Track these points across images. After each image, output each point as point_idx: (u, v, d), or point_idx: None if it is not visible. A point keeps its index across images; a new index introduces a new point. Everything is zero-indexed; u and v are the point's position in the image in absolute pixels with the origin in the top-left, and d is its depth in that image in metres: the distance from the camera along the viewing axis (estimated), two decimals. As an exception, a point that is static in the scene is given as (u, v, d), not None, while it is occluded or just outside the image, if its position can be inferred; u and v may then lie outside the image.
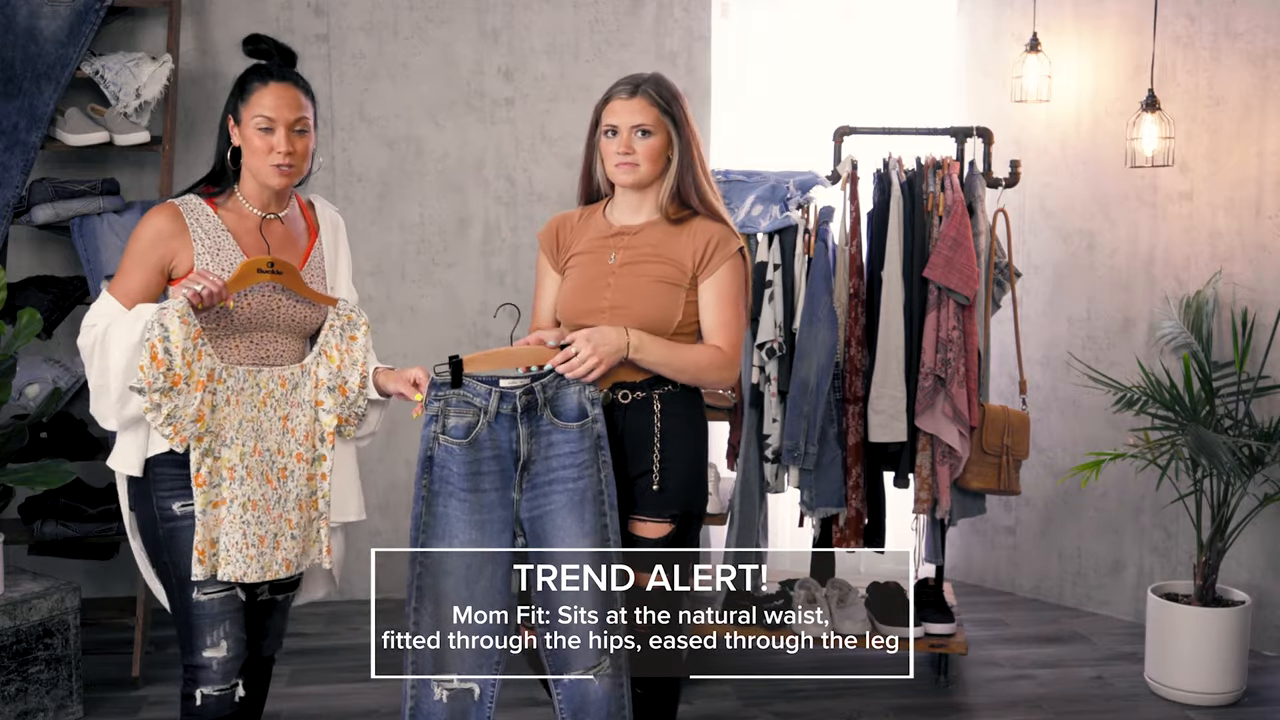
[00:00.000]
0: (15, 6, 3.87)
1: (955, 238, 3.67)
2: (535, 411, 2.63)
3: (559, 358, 2.62)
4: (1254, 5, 4.10)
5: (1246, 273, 4.15)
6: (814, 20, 4.70)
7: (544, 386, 2.63)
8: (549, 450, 2.64)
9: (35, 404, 3.80)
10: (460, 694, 2.65)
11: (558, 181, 4.63)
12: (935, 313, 3.71)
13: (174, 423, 2.47)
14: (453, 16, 4.52)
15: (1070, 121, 4.50)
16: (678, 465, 2.74)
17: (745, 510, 3.88)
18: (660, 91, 2.73)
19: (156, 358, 2.43)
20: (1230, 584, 4.05)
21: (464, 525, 2.62)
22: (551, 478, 2.64)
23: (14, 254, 4.22)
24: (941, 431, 3.71)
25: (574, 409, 2.65)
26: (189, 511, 2.53)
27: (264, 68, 2.61)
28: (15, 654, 3.44)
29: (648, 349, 2.66)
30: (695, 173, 2.74)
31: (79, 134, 3.97)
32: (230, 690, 2.60)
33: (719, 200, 2.78)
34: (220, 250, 2.57)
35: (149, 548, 2.62)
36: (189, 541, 2.53)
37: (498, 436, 2.62)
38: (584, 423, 2.64)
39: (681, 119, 2.73)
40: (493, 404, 2.60)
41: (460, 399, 2.61)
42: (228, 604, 2.59)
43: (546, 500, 2.64)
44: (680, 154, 2.73)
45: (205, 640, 2.57)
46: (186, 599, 2.56)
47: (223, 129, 2.64)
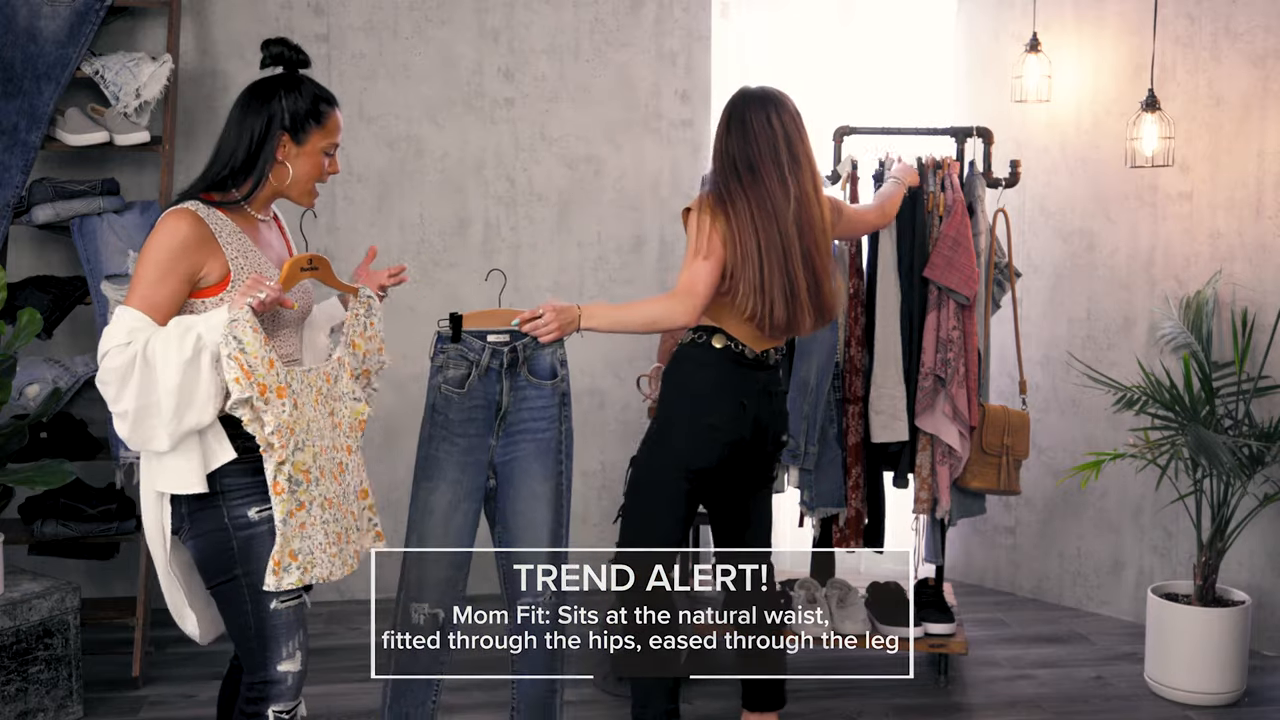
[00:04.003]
0: (15, 6, 3.87)
1: (955, 237, 3.67)
2: (515, 368, 3.02)
3: (525, 314, 2.98)
4: (1254, 5, 4.10)
5: (1246, 273, 4.15)
6: (814, 20, 4.70)
7: (524, 346, 3.01)
8: (523, 403, 3.02)
9: (35, 404, 3.80)
10: (430, 617, 2.98)
11: (558, 181, 4.63)
12: (935, 313, 3.71)
13: (278, 432, 2.43)
14: (453, 16, 4.52)
15: (1070, 121, 4.50)
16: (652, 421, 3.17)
17: (745, 510, 3.88)
18: None
19: (245, 370, 2.38)
20: (1230, 584, 4.05)
21: (452, 465, 3.00)
22: (523, 428, 3.03)
23: (14, 254, 4.22)
24: (941, 431, 3.72)
25: (547, 368, 3.04)
26: (266, 516, 2.48)
27: (326, 91, 2.61)
28: (15, 654, 3.44)
29: (596, 318, 3.02)
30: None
31: (79, 134, 3.97)
32: (295, 709, 2.57)
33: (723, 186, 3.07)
34: (247, 254, 2.53)
35: (209, 562, 2.50)
36: (268, 546, 2.47)
37: (486, 388, 2.99)
38: (554, 381, 3.05)
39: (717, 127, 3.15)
40: (484, 359, 2.97)
41: (458, 353, 2.97)
42: (300, 612, 2.55)
43: (516, 447, 3.03)
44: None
45: (282, 652, 2.52)
46: (263, 609, 2.49)
47: (267, 142, 2.54)
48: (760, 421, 3.10)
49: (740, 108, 3.05)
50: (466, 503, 3.01)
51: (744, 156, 3.01)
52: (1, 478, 3.45)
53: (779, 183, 3.00)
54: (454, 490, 3.00)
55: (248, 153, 2.55)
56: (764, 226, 2.98)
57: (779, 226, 2.98)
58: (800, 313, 3.03)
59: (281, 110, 2.55)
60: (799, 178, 3.02)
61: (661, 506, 3.09)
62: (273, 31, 4.40)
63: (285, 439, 2.45)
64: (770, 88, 3.09)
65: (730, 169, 3.03)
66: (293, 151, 2.57)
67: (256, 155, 2.55)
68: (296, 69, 2.61)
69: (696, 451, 3.05)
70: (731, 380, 3.07)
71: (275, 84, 2.57)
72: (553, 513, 3.04)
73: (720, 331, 3.07)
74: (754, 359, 3.09)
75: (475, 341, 2.97)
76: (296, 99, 2.56)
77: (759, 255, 2.98)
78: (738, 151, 3.02)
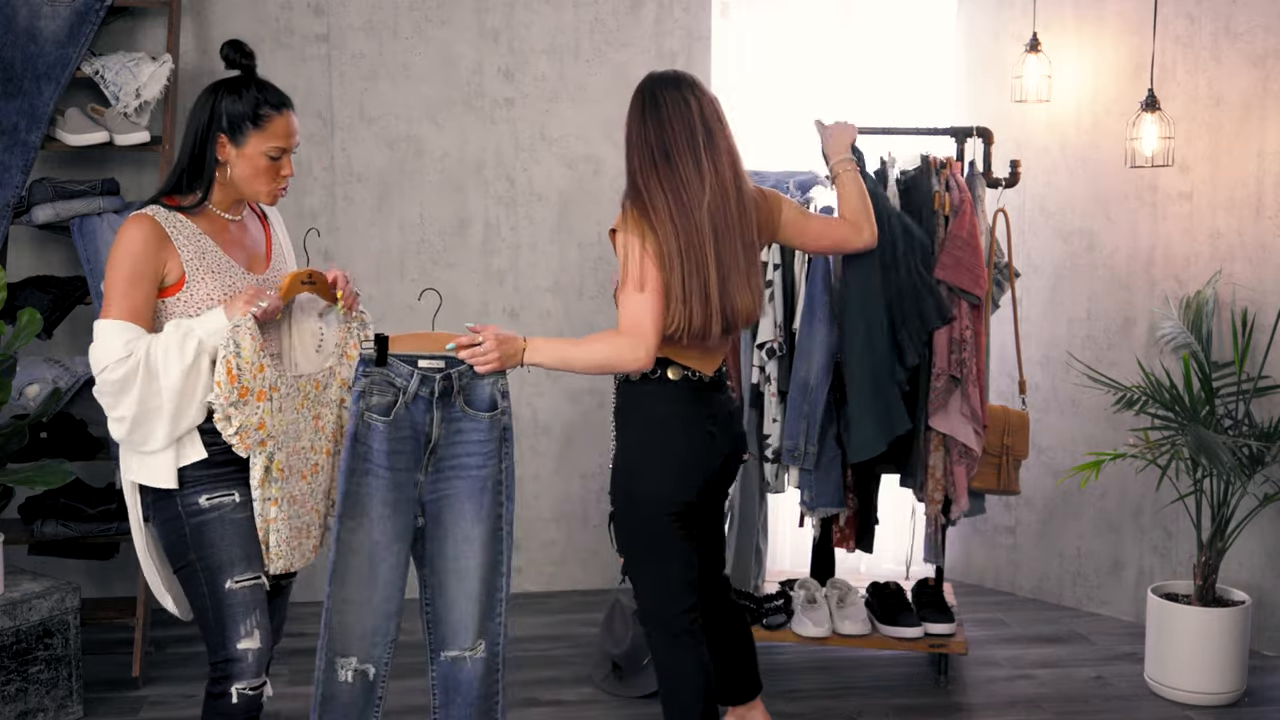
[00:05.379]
0: (15, 6, 3.87)
1: (965, 238, 3.65)
2: (449, 398, 2.73)
3: (463, 339, 2.73)
4: (1254, 5, 4.10)
5: (1246, 273, 4.15)
6: (814, 20, 4.70)
7: (459, 375, 2.73)
8: (457, 436, 2.75)
9: (35, 404, 3.80)
10: (359, 673, 2.75)
11: (558, 181, 4.63)
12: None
13: (241, 432, 2.55)
14: (453, 16, 4.52)
15: (1070, 121, 4.50)
16: (618, 450, 2.94)
17: (745, 510, 3.88)
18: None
19: (231, 373, 2.51)
20: (1230, 584, 4.05)
21: (378, 503, 2.70)
22: (456, 464, 2.76)
23: (14, 254, 4.22)
24: (957, 431, 3.68)
25: (486, 399, 2.77)
26: (216, 504, 2.58)
27: (274, 95, 2.64)
28: (15, 654, 3.44)
29: (542, 353, 2.79)
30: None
31: (79, 134, 3.97)
32: (261, 688, 2.63)
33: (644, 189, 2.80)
34: (205, 255, 2.61)
35: (171, 549, 2.62)
36: (218, 533, 2.58)
37: (413, 418, 2.71)
38: (494, 414, 2.77)
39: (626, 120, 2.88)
40: (413, 385, 2.70)
41: (383, 378, 2.69)
42: (257, 593, 2.63)
43: (448, 485, 2.76)
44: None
45: (240, 630, 2.59)
46: (219, 590, 2.58)
47: (209, 144, 2.61)
48: (727, 448, 2.97)
49: (651, 89, 2.83)
50: (397, 544, 2.72)
51: (659, 142, 2.78)
52: (1, 478, 3.45)
53: (694, 168, 2.77)
54: (380, 529, 2.70)
55: (191, 155, 2.63)
56: (683, 224, 2.75)
57: (694, 219, 2.75)
58: (710, 320, 2.79)
59: (221, 111, 2.61)
60: (716, 162, 2.79)
61: (668, 558, 2.90)
62: (273, 32, 4.41)
63: (249, 438, 2.55)
64: (682, 71, 2.90)
65: (648, 160, 2.79)
66: (232, 153, 2.62)
67: (201, 157, 2.63)
68: (248, 72, 2.66)
69: (676, 489, 2.87)
70: (695, 411, 2.88)
71: (218, 86, 2.64)
72: (487, 557, 2.77)
73: (672, 363, 2.87)
74: (710, 382, 2.91)
75: (403, 366, 2.70)
76: (235, 101, 2.61)
77: (680, 259, 2.75)
78: (654, 138, 2.79)
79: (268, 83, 2.66)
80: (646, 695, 3.72)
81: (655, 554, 2.91)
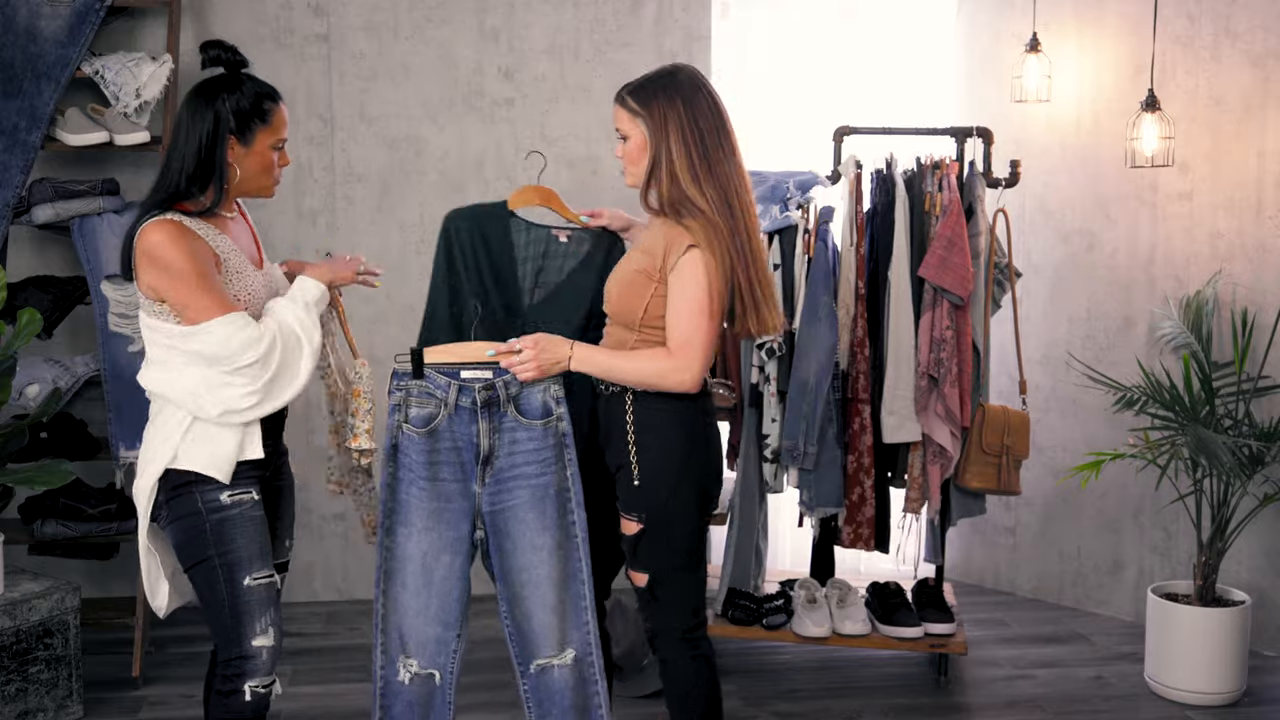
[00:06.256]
0: (15, 6, 3.87)
1: (950, 237, 3.67)
2: (498, 407, 2.71)
3: (502, 348, 2.70)
4: (1254, 5, 4.10)
5: (1246, 273, 4.15)
6: (814, 20, 4.70)
7: (506, 384, 2.71)
8: (513, 446, 2.72)
9: (35, 404, 3.80)
10: (423, 678, 2.75)
11: (558, 182, 4.61)
12: (930, 312, 3.71)
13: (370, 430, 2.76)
14: (453, 16, 4.52)
15: (1070, 121, 4.50)
16: (647, 464, 2.75)
17: (745, 510, 3.88)
18: (637, 94, 2.72)
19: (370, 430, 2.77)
20: (1230, 584, 4.05)
21: (422, 513, 2.71)
22: (515, 473, 2.73)
23: (14, 254, 4.22)
24: (934, 431, 3.71)
25: (538, 407, 2.74)
26: (237, 500, 2.60)
27: (268, 88, 2.65)
28: (15, 654, 3.44)
29: (589, 362, 2.71)
30: (662, 171, 2.69)
31: (79, 134, 3.97)
32: (271, 686, 2.65)
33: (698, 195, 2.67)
34: (228, 257, 2.63)
35: (186, 545, 2.61)
36: (239, 529, 2.59)
37: (458, 429, 2.71)
38: (548, 420, 2.74)
39: (662, 117, 2.68)
40: (451, 396, 2.69)
41: (422, 389, 2.70)
42: (272, 590, 2.64)
43: (510, 495, 2.73)
44: (654, 151, 2.71)
45: (255, 627, 2.60)
46: (237, 586, 2.59)
47: (218, 147, 2.59)
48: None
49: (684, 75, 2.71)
50: (448, 555, 2.72)
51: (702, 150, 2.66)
52: (1, 478, 3.45)
53: (737, 177, 2.70)
54: (429, 540, 2.72)
55: (198, 159, 2.59)
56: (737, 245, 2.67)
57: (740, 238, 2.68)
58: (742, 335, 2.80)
59: (226, 113, 2.59)
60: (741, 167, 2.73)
61: (700, 566, 2.83)
62: (273, 32, 4.41)
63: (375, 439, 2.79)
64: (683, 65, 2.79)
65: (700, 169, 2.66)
66: (240, 153, 2.63)
67: (210, 161, 2.60)
68: (237, 69, 2.65)
69: (713, 494, 2.82)
70: (711, 414, 2.85)
71: (217, 86, 2.61)
72: (560, 566, 2.72)
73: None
74: (705, 388, 2.82)
75: (439, 378, 2.69)
76: (240, 99, 2.60)
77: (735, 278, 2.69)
78: (705, 125, 2.67)
79: (254, 76, 2.67)
80: (646, 695, 3.72)
81: (693, 564, 2.81)
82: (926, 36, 4.75)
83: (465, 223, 3.12)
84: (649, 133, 2.70)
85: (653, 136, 2.70)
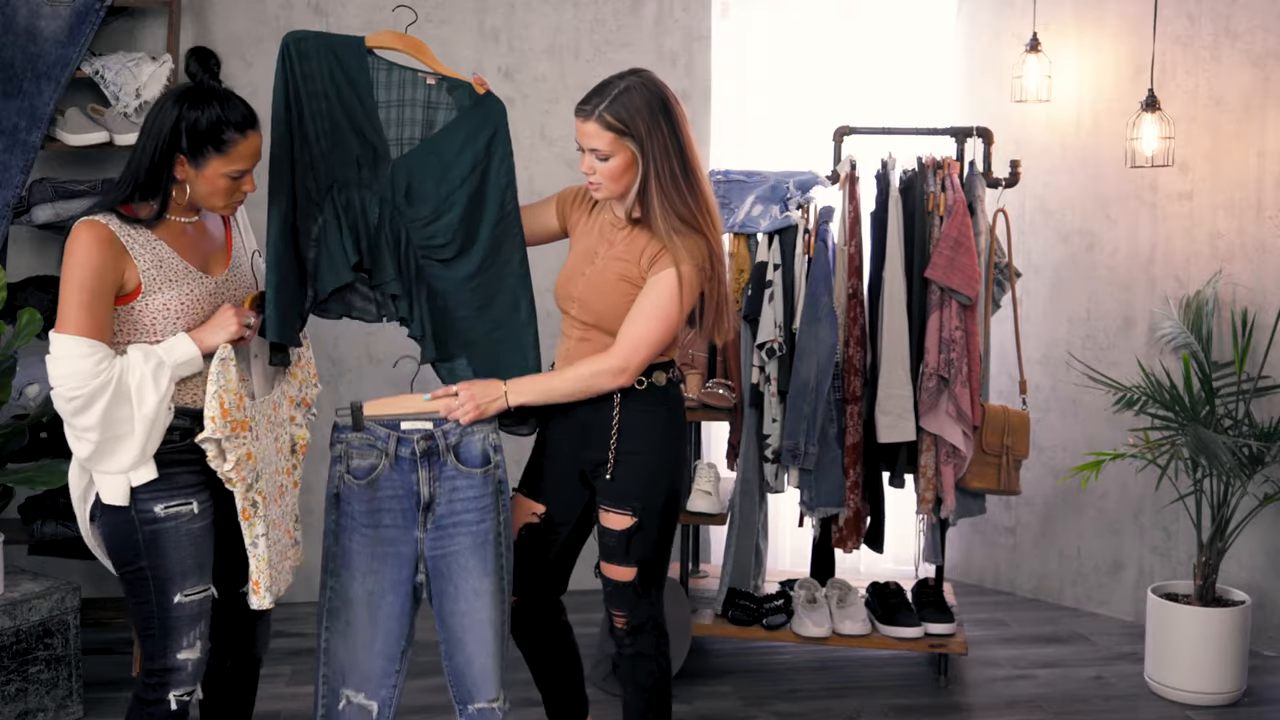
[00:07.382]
0: (15, 6, 3.87)
1: (957, 238, 3.67)
2: (438, 457, 2.72)
3: (438, 392, 2.71)
4: (1254, 5, 4.10)
5: (1246, 273, 4.15)
6: (814, 20, 4.70)
7: (445, 434, 2.72)
8: (453, 494, 2.73)
9: (35, 404, 3.80)
10: (363, 709, 2.78)
11: (558, 181, 4.62)
12: (938, 313, 3.71)
13: (238, 466, 2.53)
14: (452, 16, 4.52)
15: (1070, 121, 4.50)
16: (637, 458, 2.77)
17: (745, 510, 3.88)
18: (618, 111, 2.65)
19: (224, 409, 2.50)
20: (1230, 584, 4.05)
21: (364, 558, 2.73)
22: (455, 520, 2.74)
23: (14, 254, 4.21)
24: (946, 432, 3.71)
25: (477, 455, 2.74)
26: (172, 514, 2.53)
27: (238, 114, 2.50)
28: (15, 654, 3.44)
29: (527, 392, 2.74)
30: (651, 192, 2.67)
31: (79, 134, 3.97)
32: (194, 693, 2.63)
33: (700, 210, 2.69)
34: (162, 264, 2.52)
35: (118, 551, 2.56)
36: (172, 544, 2.53)
37: (398, 478, 2.72)
38: (487, 469, 2.74)
39: (647, 135, 2.65)
40: (391, 447, 2.70)
41: (363, 441, 2.71)
42: (205, 603, 2.61)
43: (451, 541, 2.74)
44: (644, 170, 2.68)
45: (182, 642, 2.57)
46: (167, 601, 2.54)
47: (167, 163, 2.48)
48: None
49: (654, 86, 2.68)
50: (391, 596, 2.74)
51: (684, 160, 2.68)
52: (1, 478, 3.45)
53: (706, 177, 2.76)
54: (373, 581, 2.73)
55: (148, 172, 2.49)
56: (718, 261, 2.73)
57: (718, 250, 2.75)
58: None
59: (180, 132, 2.47)
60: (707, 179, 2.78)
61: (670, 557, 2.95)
62: (273, 32, 4.40)
63: (244, 470, 2.55)
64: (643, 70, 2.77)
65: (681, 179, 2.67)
66: (191, 173, 2.51)
67: (158, 174, 2.50)
68: (203, 86, 2.52)
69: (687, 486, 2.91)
70: (682, 399, 2.91)
71: (183, 98, 2.49)
72: (498, 610, 2.75)
73: (672, 364, 2.85)
74: (673, 376, 2.88)
75: (380, 429, 2.70)
76: (198, 120, 2.46)
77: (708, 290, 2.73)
78: (683, 138, 2.68)
79: (233, 97, 2.52)
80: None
81: (668, 555, 2.90)
82: (926, 36, 4.75)
83: (314, 45, 2.68)
84: (637, 153, 2.66)
85: (641, 158, 2.66)
